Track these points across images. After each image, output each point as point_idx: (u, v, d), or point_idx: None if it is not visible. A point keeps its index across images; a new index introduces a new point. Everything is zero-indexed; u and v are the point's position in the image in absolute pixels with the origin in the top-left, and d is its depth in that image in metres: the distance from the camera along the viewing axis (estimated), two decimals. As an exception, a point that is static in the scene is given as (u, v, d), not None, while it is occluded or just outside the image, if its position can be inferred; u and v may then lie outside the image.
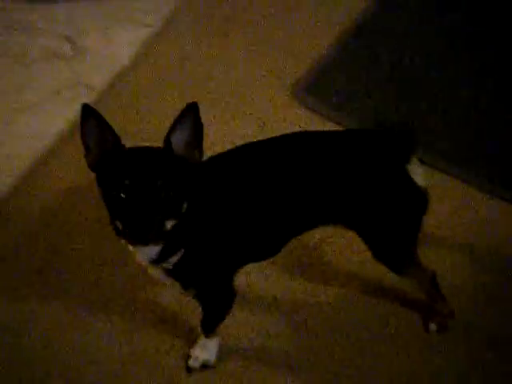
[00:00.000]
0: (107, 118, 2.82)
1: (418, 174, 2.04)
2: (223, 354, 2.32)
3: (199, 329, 2.27)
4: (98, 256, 2.54)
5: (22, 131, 2.94)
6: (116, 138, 1.84)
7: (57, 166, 2.80)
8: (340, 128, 2.81)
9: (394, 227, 2.10)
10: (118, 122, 2.81)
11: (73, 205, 2.67)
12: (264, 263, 2.39)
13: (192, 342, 2.33)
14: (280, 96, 2.98)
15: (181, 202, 1.81)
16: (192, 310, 2.38)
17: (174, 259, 1.95)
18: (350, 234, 2.34)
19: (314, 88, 3.00)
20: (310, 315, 2.41)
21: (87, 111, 1.82)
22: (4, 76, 3.11)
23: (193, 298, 2.15)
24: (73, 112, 2.94)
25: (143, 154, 1.83)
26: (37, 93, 3.05)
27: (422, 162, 2.07)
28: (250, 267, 2.31)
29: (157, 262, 1.95)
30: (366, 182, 2.02)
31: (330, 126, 2.84)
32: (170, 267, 1.97)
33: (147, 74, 3.09)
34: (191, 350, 2.30)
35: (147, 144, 1.88)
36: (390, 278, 2.40)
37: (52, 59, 3.17)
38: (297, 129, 2.82)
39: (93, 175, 2.63)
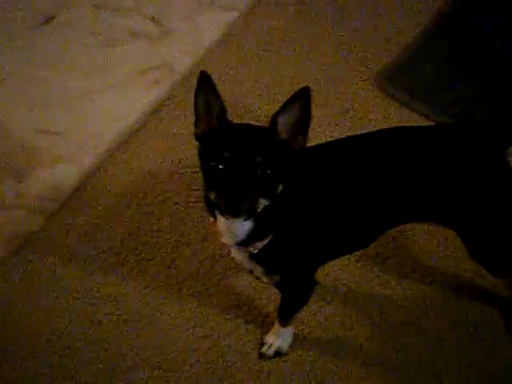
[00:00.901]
0: (188, 101, 2.87)
1: None
2: (296, 341, 2.32)
3: (275, 316, 2.27)
4: (175, 239, 2.55)
5: (106, 110, 2.95)
6: (223, 111, 1.84)
7: (138, 147, 2.81)
8: (421, 118, 2.79)
9: (494, 224, 2.04)
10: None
11: (152, 186, 2.68)
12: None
13: (265, 329, 2.32)
14: (364, 84, 2.94)
15: (276, 183, 1.79)
16: (267, 297, 2.39)
17: (261, 244, 1.93)
18: (428, 227, 2.31)
19: (398, 77, 2.95)
20: (385, 308, 2.38)
21: (204, 79, 1.83)
22: (90, 55, 3.13)
23: (273, 285, 2.14)
24: (155, 93, 2.97)
25: (247, 130, 1.83)
26: (121, 73, 3.06)
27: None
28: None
29: (243, 244, 1.92)
30: (464, 177, 1.97)
31: (411, 116, 2.80)
32: (256, 251, 1.95)
33: (230, 58, 3.08)
34: (265, 337, 2.30)
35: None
36: (469, 273, 2.37)
37: (138, 40, 3.18)
38: (379, 117, 2.81)
39: (172, 158, 2.72)
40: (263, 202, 1.77)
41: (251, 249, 1.94)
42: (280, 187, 1.80)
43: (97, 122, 2.92)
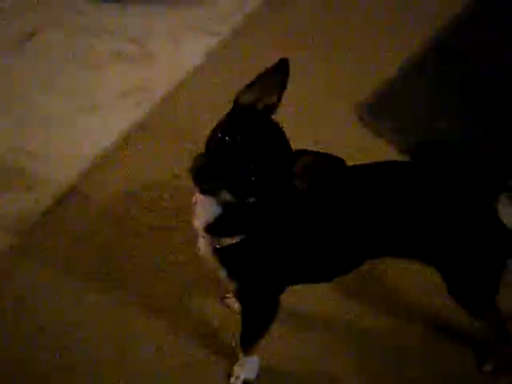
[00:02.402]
0: (167, 124, 2.86)
1: (507, 213, 1.95)
2: (265, 373, 2.28)
3: (238, 347, 2.24)
4: (150, 265, 2.51)
5: (84, 132, 2.93)
6: (274, 105, 1.81)
7: (115, 170, 2.79)
8: (399, 151, 2.79)
9: (477, 268, 2.03)
10: (177, 128, 2.86)
11: (128, 210, 2.65)
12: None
13: (235, 359, 2.29)
14: (343, 113, 2.94)
15: (250, 193, 1.76)
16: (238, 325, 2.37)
17: (227, 241, 1.90)
18: (402, 264, 2.30)
19: (378, 108, 2.96)
20: (355, 341, 2.36)
21: (285, 66, 1.84)
22: (71, 76, 3.12)
23: (235, 297, 2.13)
24: (135, 116, 2.96)
25: (276, 137, 1.78)
26: (101, 94, 3.06)
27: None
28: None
29: (211, 231, 1.90)
30: (451, 218, 1.96)
31: (388, 149, 2.80)
32: (219, 246, 1.92)
33: (211, 83, 3.07)
34: (233, 368, 2.28)
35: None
36: (445, 311, 2.36)
37: (119, 62, 3.17)
38: (356, 147, 2.79)
39: (149, 183, 2.70)
40: (227, 196, 1.75)
41: (216, 242, 1.91)
42: (252, 199, 1.77)
43: (75, 143, 2.90)
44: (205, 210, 1.87)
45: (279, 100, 1.82)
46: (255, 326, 2.17)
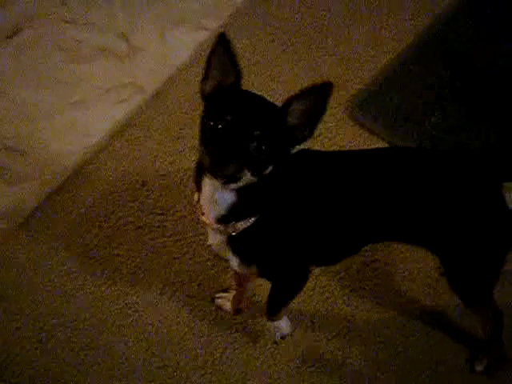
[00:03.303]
0: (153, 120, 2.82)
1: None
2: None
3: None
4: (135, 264, 2.50)
5: (71, 128, 2.89)
6: (238, 76, 1.82)
7: (102, 167, 2.75)
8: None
9: (479, 256, 2.02)
10: (163, 125, 2.82)
11: (115, 209, 2.62)
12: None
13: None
14: (333, 110, 2.89)
15: (266, 162, 1.75)
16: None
17: (242, 225, 1.88)
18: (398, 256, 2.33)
19: (368, 105, 2.91)
20: (352, 336, 2.37)
21: (223, 40, 1.82)
22: (56, 71, 3.06)
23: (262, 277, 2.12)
24: (122, 112, 2.92)
25: (258, 100, 1.80)
26: (88, 90, 3.00)
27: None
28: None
29: (223, 221, 1.87)
30: (456, 205, 1.95)
31: (380, 145, 2.76)
32: (234, 233, 1.90)
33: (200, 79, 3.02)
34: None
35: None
36: (439, 306, 2.37)
37: (105, 57, 3.11)
38: (349, 144, 2.77)
39: (135, 180, 2.66)
40: (248, 175, 1.73)
41: (230, 230, 1.89)
42: (269, 168, 1.76)
43: (61, 139, 2.86)
44: (215, 202, 1.85)
45: (239, 70, 1.82)
46: (283, 294, 2.17)
